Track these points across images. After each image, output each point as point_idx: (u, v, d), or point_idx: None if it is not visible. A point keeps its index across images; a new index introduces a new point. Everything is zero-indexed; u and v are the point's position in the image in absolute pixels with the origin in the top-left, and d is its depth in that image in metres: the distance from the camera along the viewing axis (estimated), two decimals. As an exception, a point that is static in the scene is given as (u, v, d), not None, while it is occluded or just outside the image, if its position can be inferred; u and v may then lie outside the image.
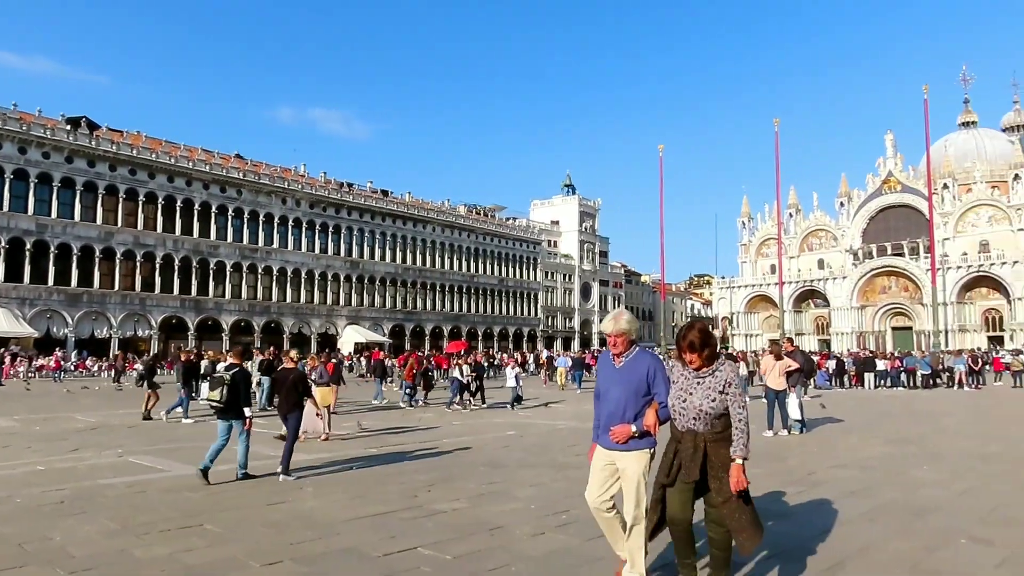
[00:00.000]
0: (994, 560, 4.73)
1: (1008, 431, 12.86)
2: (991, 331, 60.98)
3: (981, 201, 63.47)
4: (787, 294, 68.20)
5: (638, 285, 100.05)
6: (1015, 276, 58.63)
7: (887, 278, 66.97)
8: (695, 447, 3.74)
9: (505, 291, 73.70)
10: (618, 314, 4.06)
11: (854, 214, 70.56)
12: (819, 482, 7.73)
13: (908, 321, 65.77)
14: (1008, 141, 69.18)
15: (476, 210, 77.00)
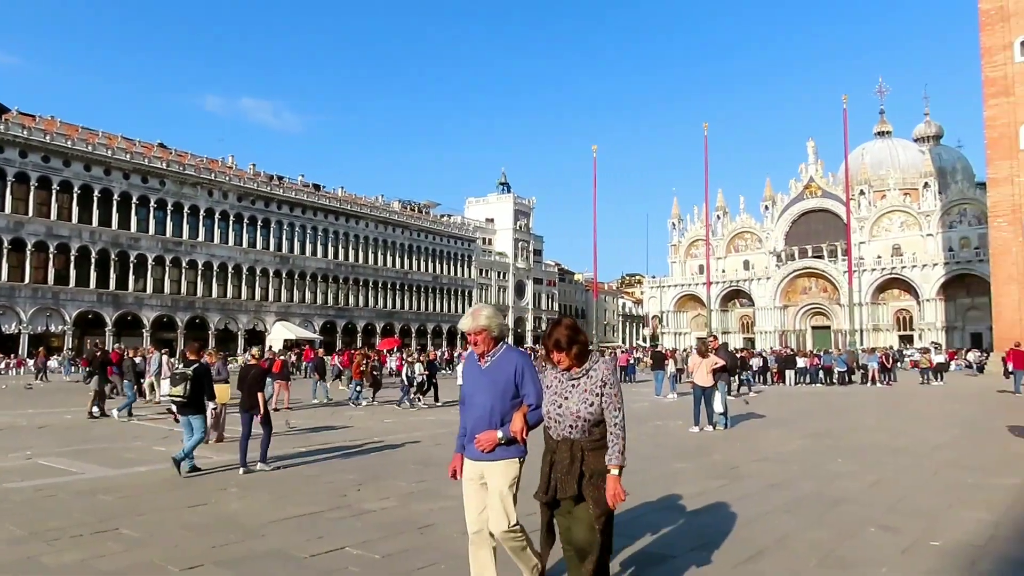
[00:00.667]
0: (899, 547, 5.00)
1: (915, 426, 13.61)
2: (902, 330, 64.39)
3: (894, 207, 66.90)
4: (714, 294, 70.31)
5: (571, 284, 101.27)
6: (924, 279, 62.12)
7: (808, 279, 69.84)
8: (572, 457, 3.38)
9: (439, 288, 73.41)
10: (476, 309, 3.69)
11: (778, 217, 73.24)
12: (742, 475, 8.00)
13: (827, 320, 68.74)
14: (919, 151, 73.10)
15: (410, 206, 76.38)
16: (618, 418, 3.36)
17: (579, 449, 3.38)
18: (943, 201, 63.65)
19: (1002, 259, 36.53)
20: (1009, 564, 4.66)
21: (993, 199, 37.26)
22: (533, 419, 3.56)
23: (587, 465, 3.37)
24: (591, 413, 3.35)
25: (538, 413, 3.52)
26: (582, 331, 3.47)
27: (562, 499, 3.42)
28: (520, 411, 3.56)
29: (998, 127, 36.46)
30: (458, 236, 76.70)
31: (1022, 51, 35.90)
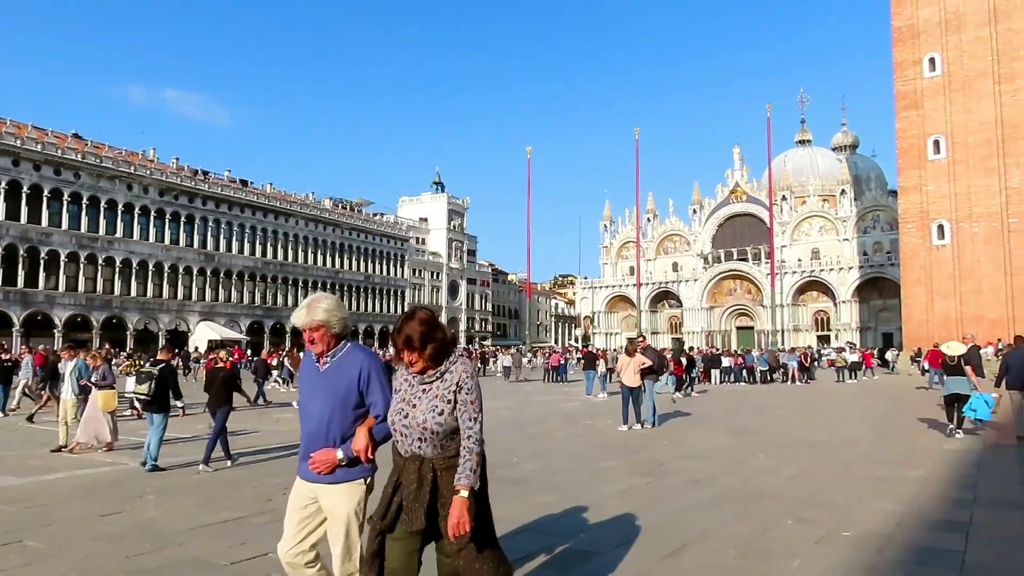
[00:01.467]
0: (814, 538, 5.23)
1: (831, 421, 14.25)
2: (820, 331, 67.35)
3: (814, 213, 69.94)
4: (644, 295, 71.92)
5: (505, 284, 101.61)
6: (840, 281, 65.17)
7: (733, 281, 72.23)
8: (420, 479, 2.77)
9: (371, 288, 72.46)
10: (313, 300, 3.10)
11: (705, 221, 75.44)
12: (668, 472, 8.20)
13: (750, 321, 71.22)
14: (837, 160, 76.61)
15: (342, 204, 75.12)
16: (473, 429, 2.77)
17: (429, 469, 2.78)
18: (858, 208, 66.91)
19: (911, 263, 38.64)
20: (912, 551, 4.93)
21: (903, 206, 39.35)
22: (381, 433, 2.96)
23: (440, 489, 2.78)
24: (440, 424, 2.75)
25: (387, 426, 2.93)
26: (441, 326, 2.87)
27: (410, 532, 2.76)
28: (365, 424, 2.98)
29: (908, 138, 38.55)
30: (391, 235, 75.90)
31: (931, 67, 38.06)
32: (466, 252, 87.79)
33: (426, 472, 2.78)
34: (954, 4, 37.53)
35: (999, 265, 35.51)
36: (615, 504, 6.47)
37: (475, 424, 2.79)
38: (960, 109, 36.91)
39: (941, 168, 37.36)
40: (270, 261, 61.33)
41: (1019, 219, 35.31)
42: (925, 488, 7.12)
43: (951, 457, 9.18)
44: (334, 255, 68.29)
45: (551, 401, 19.36)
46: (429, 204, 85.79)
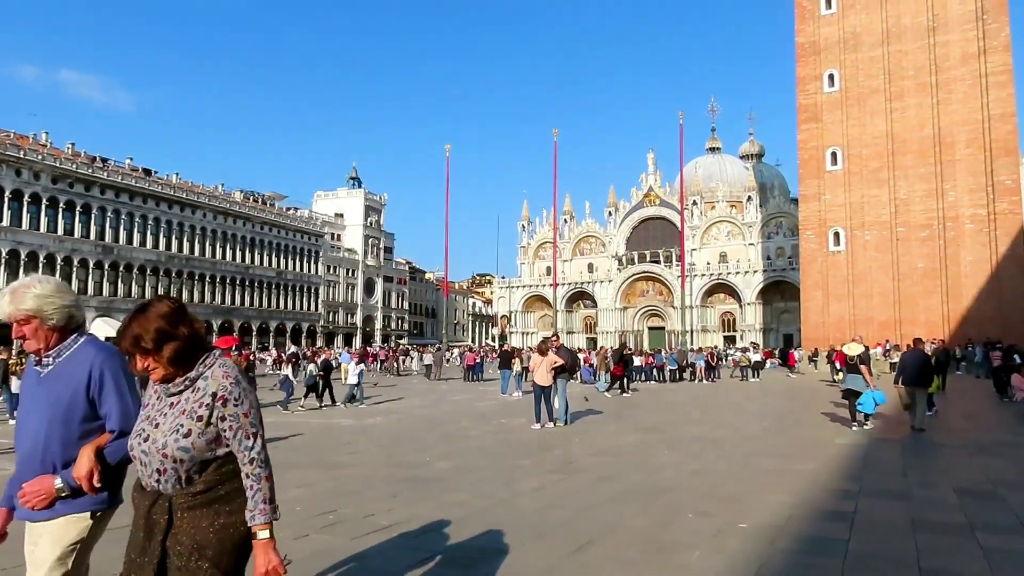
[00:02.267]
0: (712, 531, 5.45)
1: (733, 418, 14.86)
2: (727, 331, 70.18)
3: (722, 218, 72.80)
4: (560, 295, 72.99)
5: (422, 282, 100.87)
6: (745, 284, 68.12)
7: (646, 283, 74.29)
8: (150, 525, 2.09)
9: (284, 284, 70.42)
10: (20, 285, 2.40)
11: (620, 223, 77.27)
12: (578, 469, 8.36)
13: (661, 322, 73.43)
14: (744, 167, 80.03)
15: (254, 197, 72.67)
16: (255, 450, 2.15)
17: (164, 511, 2.09)
18: (763, 214, 70.13)
19: (809, 268, 40.84)
20: (802, 541, 5.22)
21: (803, 214, 41.54)
22: (117, 455, 2.33)
23: (177, 538, 2.06)
24: (184, 449, 2.08)
25: (124, 444, 2.27)
26: (187, 318, 2.21)
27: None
28: (93, 443, 2.33)
29: (809, 149, 40.72)
30: (305, 231, 74.01)
31: (830, 83, 40.32)
32: (383, 249, 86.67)
33: (159, 516, 2.08)
34: (852, 24, 39.90)
35: (888, 271, 38.00)
36: (526, 501, 6.54)
37: (254, 442, 2.15)
38: (855, 123, 39.26)
39: (838, 178, 39.63)
40: (174, 255, 58.66)
41: (906, 228, 37.89)
42: (816, 480, 7.53)
43: (840, 451, 9.75)
44: (244, 250, 66.03)
45: (466, 400, 19.36)
46: (345, 200, 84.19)
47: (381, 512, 6.05)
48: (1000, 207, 35.87)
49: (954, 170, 36.84)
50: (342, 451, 10.07)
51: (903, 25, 38.66)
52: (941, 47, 37.54)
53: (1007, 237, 35.67)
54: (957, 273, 36.59)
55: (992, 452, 9.67)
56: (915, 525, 5.60)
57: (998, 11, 36.54)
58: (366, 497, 6.72)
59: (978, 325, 34.56)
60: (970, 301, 36.11)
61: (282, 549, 4.86)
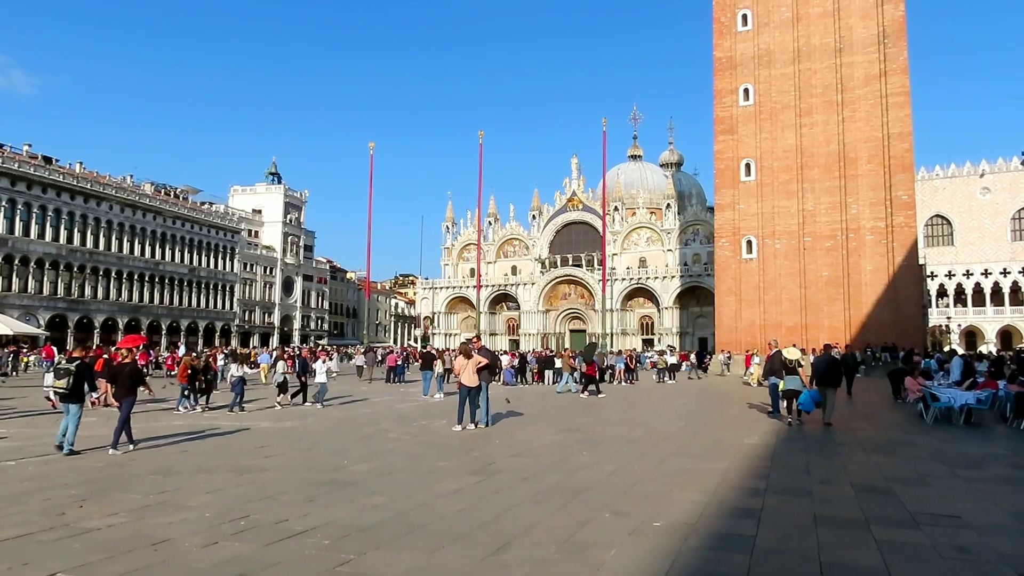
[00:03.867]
0: (628, 530, 5.57)
1: (650, 419, 15.24)
2: (645, 334, 71.99)
3: (642, 224, 74.66)
4: (484, 297, 73.13)
5: (343, 282, 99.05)
6: (663, 288, 70.05)
7: (568, 286, 75.33)
8: None
9: (197, 282, 67.68)
10: None
11: (543, 227, 78.10)
12: (497, 470, 8.38)
13: (583, 324, 74.60)
14: (664, 175, 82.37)
15: (165, 190, 69.55)
16: None
17: None
18: (681, 221, 72.28)
19: (724, 274, 42.44)
20: (713, 538, 5.40)
21: (719, 222, 43.12)
22: None
23: None
24: None
25: None
26: None
27: None
28: None
29: (724, 160, 42.33)
30: (220, 226, 71.38)
31: (745, 97, 42.04)
32: (303, 247, 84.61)
33: None
34: (766, 42, 41.72)
35: (796, 278, 39.90)
36: (445, 503, 6.51)
37: None
38: (768, 137, 41.07)
39: (751, 189, 41.34)
40: (77, 248, 55.41)
41: (812, 238, 39.87)
42: (726, 479, 7.81)
43: (749, 450, 10.14)
44: (154, 245, 63.09)
45: (387, 402, 19.11)
46: (264, 195, 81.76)
47: (295, 517, 5.89)
48: (897, 220, 38.24)
49: (857, 184, 39.03)
50: (256, 455, 9.76)
51: (813, 45, 40.70)
52: (847, 67, 39.73)
53: (903, 248, 38.06)
54: (858, 281, 38.76)
55: (886, 450, 10.27)
56: (817, 520, 5.89)
57: (898, 36, 38.99)
58: (280, 502, 6.53)
59: (876, 330, 36.75)
60: (870, 308, 38.32)
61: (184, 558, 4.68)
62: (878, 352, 33.14)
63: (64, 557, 4.76)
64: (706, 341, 63.97)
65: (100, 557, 4.76)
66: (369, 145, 55.66)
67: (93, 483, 7.47)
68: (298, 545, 5.07)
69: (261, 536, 5.28)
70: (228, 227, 72.49)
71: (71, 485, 7.32)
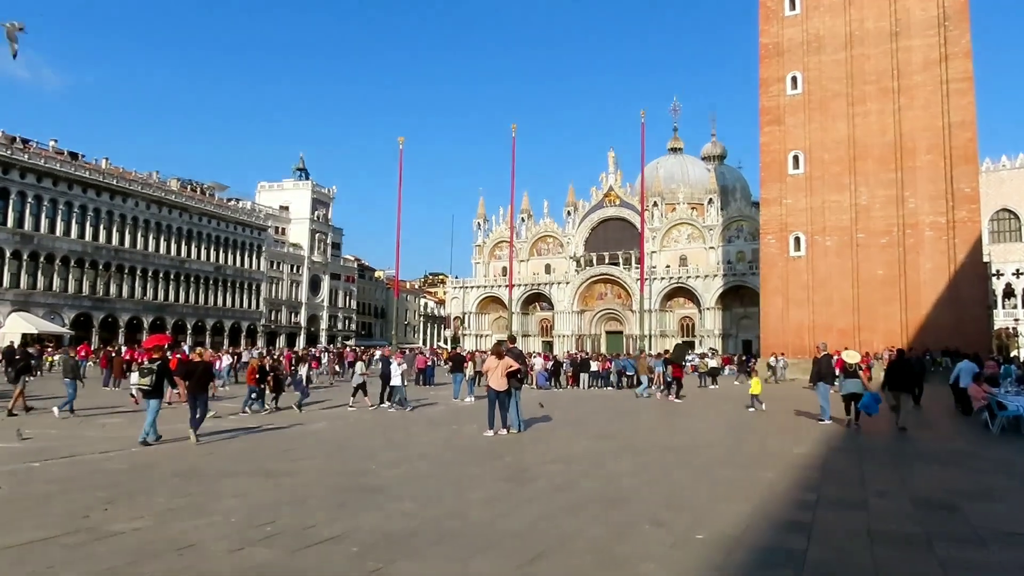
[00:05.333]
0: (668, 542, 5.50)
1: (691, 425, 15.09)
2: (686, 336, 71.29)
3: (682, 220, 73.98)
4: (516, 296, 73.17)
5: (372, 281, 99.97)
6: (705, 288, 69.34)
7: (604, 285, 75.01)
8: None
9: (223, 280, 68.92)
10: None
11: (579, 223, 77.87)
12: (531, 478, 8.36)
13: (620, 326, 74.22)
14: (706, 169, 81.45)
15: (192, 186, 70.93)
16: None
17: None
18: (724, 217, 71.47)
19: (770, 273, 41.79)
20: (759, 552, 5.30)
21: (764, 217, 42.48)
22: None
23: None
24: None
25: None
26: None
27: None
28: None
29: (771, 152, 41.69)
30: (247, 223, 72.58)
31: (792, 85, 41.34)
32: (330, 245, 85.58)
33: None
34: (815, 27, 40.96)
35: (847, 277, 39.09)
36: (477, 511, 6.50)
37: None
38: (818, 127, 40.31)
39: (799, 183, 40.63)
40: (102, 246, 56.82)
41: (866, 234, 39.03)
42: (773, 490, 7.68)
43: (799, 460, 9.96)
44: (180, 242, 64.40)
45: (416, 405, 19.22)
46: (291, 191, 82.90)
47: (323, 523, 5.94)
48: (959, 215, 37.22)
49: (915, 177, 38.09)
50: (283, 458, 9.88)
51: (866, 29, 39.84)
52: (904, 52, 38.79)
53: (965, 245, 37.04)
54: (916, 281, 37.82)
55: (949, 461, 10.00)
56: (873, 536, 5.75)
57: (959, 18, 37.94)
58: (308, 507, 6.60)
59: (935, 333, 35.78)
60: (928, 309, 37.36)
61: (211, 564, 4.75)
62: (938, 357, 32.28)
63: (89, 561, 4.86)
64: (750, 344, 63.15)
65: (125, 561, 4.85)
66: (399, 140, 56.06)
67: (118, 486, 7.63)
68: (326, 552, 5.11)
69: (288, 542, 5.33)
70: (255, 224, 73.66)
71: (96, 488, 7.48)
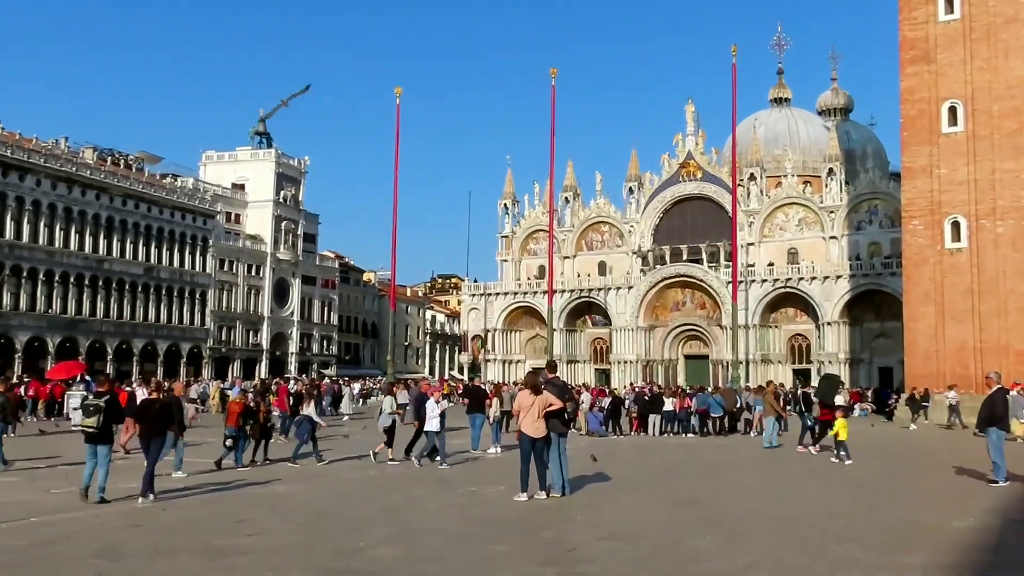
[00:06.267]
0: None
1: (808, 487, 14.89)
2: (797, 362, 70.47)
3: (791, 199, 73.14)
4: (559, 307, 72.92)
5: (359, 286, 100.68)
6: (824, 294, 68.23)
7: (682, 291, 74.47)
8: None
9: (155, 286, 69.88)
10: None
11: (645, 205, 77.48)
12: (581, 559, 8.32)
13: (704, 347, 73.66)
14: (824, 127, 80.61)
15: (114, 159, 72.15)
16: None
17: None
18: (850, 194, 70.43)
19: (917, 273, 41.14)
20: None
21: (908, 195, 41.87)
22: None
23: None
24: None
25: None
26: None
27: None
28: None
29: (916, 102, 41.10)
30: (188, 208, 73.60)
31: (947, 8, 40.71)
32: (302, 237, 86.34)
33: None
34: (978, -79, 40.35)
35: (1029, 278, 38.36)
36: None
37: None
38: (984, 66, 39.65)
39: (958, 144, 39.98)
40: (-8, 241, 58.01)
41: (1059, 217, 38.32)
42: (925, 580, 7.55)
43: (960, 538, 9.78)
44: (97, 234, 65.47)
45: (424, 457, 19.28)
46: (248, 164, 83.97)
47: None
48: None
49: None
50: (237, 532, 9.95)
51: (1055, -75, 39.23)
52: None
53: None
54: None
55: None
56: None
57: None
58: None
59: None
60: None
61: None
62: None
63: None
64: (890, 373, 62.32)
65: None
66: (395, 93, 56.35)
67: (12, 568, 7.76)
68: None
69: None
70: (199, 209, 74.67)
71: None
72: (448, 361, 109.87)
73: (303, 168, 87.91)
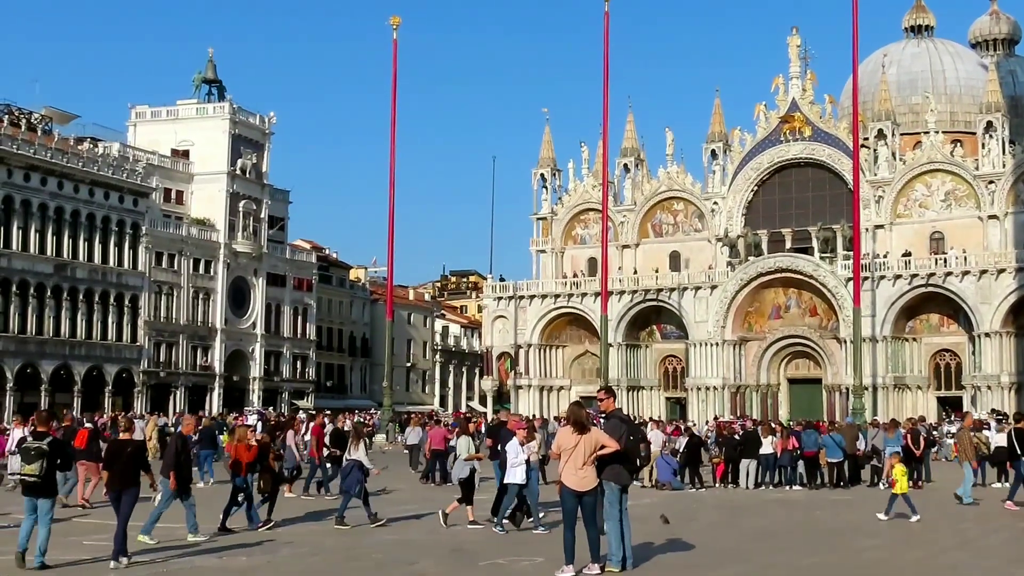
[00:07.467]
0: None
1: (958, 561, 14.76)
2: (943, 389, 69.84)
3: (934, 165, 72.50)
4: (615, 313, 72.76)
5: (345, 288, 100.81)
6: (980, 295, 67.42)
7: (784, 291, 74.05)
8: None
9: (69, 289, 70.31)
10: None
11: (733, 174, 77.14)
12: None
13: (816, 368, 73.21)
14: (980, 66, 79.92)
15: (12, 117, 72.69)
16: None
17: None
18: (1017, 157, 69.72)
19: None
20: None
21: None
22: None
23: None
24: None
25: None
26: None
27: None
28: None
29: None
30: (114, 183, 73.91)
31: None
32: (266, 222, 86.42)
33: None
34: None
35: None
36: None
37: None
38: None
39: None
40: None
41: None
42: None
43: None
44: (-10, 222, 66.13)
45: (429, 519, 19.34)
46: (193, 123, 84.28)
47: None
48: None
49: None
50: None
51: None
52: None
53: None
54: None
55: None
56: None
57: None
58: None
59: None
60: None
61: None
62: None
63: None
64: (1074, 403, 61.58)
65: None
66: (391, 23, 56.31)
67: None
68: None
69: None
70: (126, 184, 74.89)
71: None
72: (465, 387, 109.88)
73: (267, 128, 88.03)
